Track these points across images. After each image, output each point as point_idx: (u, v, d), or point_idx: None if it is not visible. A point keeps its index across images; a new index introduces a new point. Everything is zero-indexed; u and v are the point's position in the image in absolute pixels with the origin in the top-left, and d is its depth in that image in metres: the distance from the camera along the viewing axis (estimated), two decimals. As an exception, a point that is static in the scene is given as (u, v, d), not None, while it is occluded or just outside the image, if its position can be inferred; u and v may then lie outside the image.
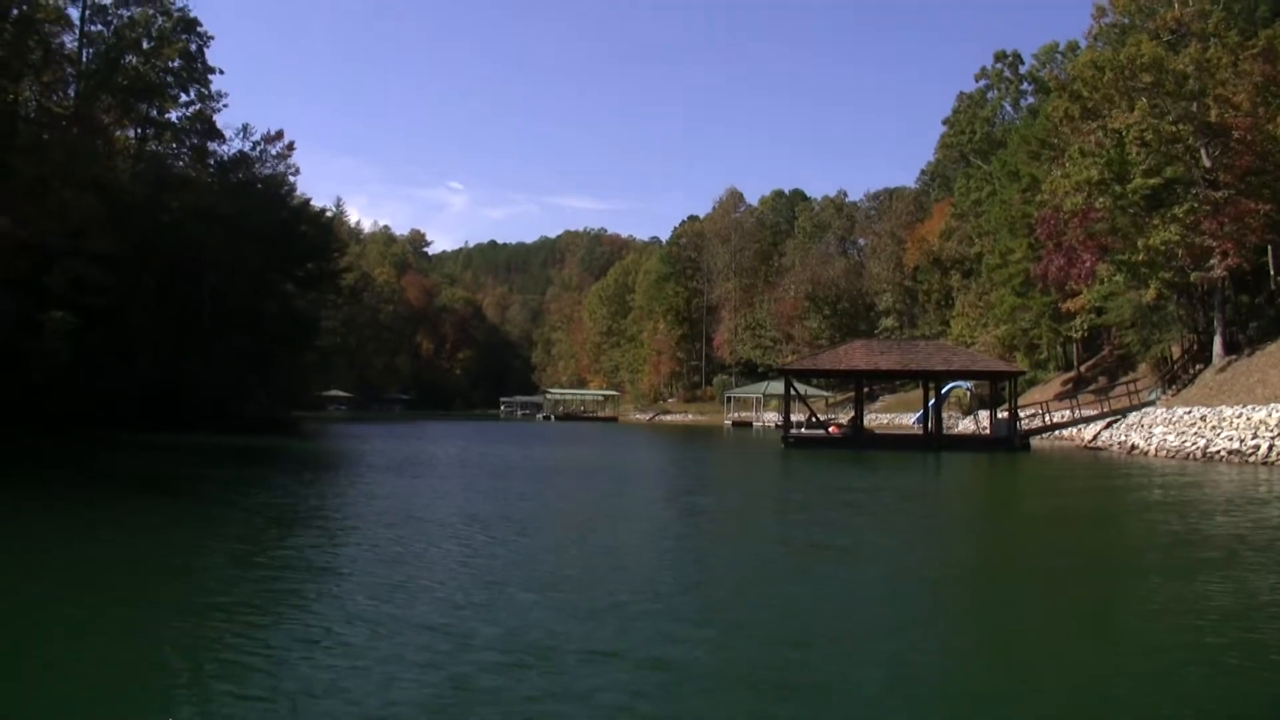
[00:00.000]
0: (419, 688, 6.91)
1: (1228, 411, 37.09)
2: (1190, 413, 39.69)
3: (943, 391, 57.06)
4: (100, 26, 57.10)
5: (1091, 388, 61.09)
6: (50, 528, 15.15)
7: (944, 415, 58.19)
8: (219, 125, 64.04)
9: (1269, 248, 47.24)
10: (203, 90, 61.42)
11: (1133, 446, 40.80)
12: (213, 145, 64.48)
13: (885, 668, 7.72)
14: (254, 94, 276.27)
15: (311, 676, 7.13)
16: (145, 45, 58.15)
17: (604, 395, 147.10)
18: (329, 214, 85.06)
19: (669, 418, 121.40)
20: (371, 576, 11.06)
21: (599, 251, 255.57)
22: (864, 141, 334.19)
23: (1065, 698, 7.13)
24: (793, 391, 51.61)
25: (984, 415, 56.58)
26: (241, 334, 58.33)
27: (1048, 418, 51.43)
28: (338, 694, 6.76)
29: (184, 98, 61.36)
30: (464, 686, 6.95)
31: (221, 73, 61.71)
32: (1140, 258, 45.13)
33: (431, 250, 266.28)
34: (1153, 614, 9.94)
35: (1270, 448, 32.86)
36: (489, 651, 7.81)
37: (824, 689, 7.17)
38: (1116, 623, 9.61)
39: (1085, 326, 62.13)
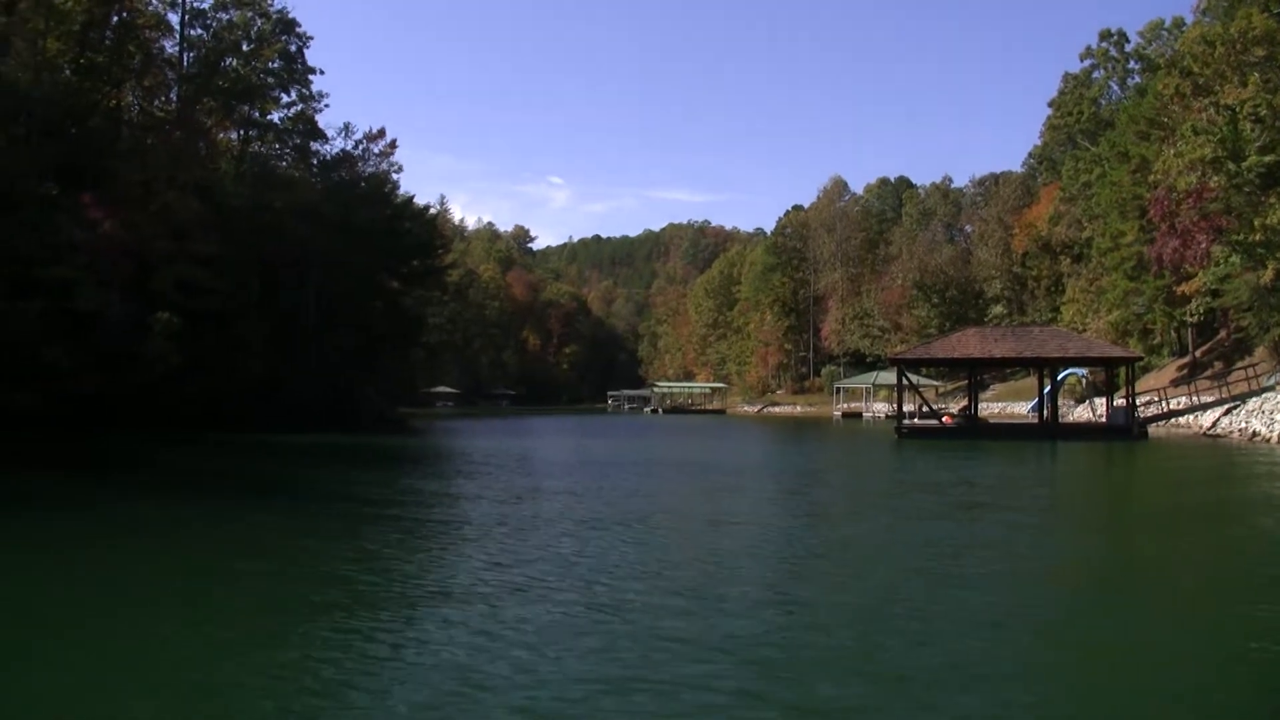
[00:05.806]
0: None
1: (1352, 395, 36.60)
2: (1313, 397, 39.18)
3: (1058, 379, 56.59)
4: (199, 30, 57.78)
5: (1207, 373, 60.02)
6: (182, 530, 15.18)
7: (1058, 403, 57.77)
8: (320, 125, 64.49)
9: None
10: (303, 91, 61.87)
11: (1254, 433, 40.30)
12: (315, 145, 64.76)
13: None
14: (352, 94, 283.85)
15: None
16: (245, 47, 59.05)
17: (712, 388, 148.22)
18: (432, 211, 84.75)
19: (777, 409, 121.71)
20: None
21: (703, 244, 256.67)
22: (969, 126, 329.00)
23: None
24: (904, 381, 51.43)
25: (1099, 403, 55.97)
26: (348, 332, 58.60)
27: (1165, 405, 50.71)
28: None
29: (285, 98, 62.00)
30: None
31: (322, 73, 62.04)
32: (1257, 237, 44.62)
33: (535, 246, 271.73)
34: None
35: (1397, 430, 32.51)
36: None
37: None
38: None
39: (1201, 310, 61.02)
